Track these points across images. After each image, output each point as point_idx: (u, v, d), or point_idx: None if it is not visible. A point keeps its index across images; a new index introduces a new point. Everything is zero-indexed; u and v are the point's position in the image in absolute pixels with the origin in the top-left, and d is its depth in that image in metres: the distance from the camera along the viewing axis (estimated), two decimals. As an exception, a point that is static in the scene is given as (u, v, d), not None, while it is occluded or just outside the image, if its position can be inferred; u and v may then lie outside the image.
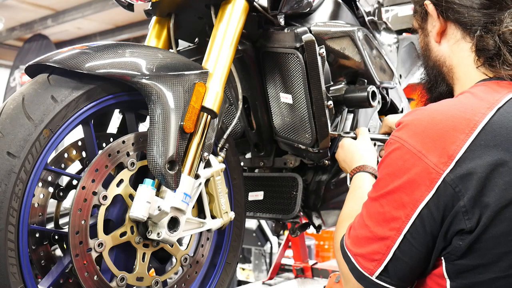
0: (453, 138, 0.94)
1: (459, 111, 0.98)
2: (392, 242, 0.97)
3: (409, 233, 0.96)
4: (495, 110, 0.97)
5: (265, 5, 1.46)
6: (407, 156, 0.97)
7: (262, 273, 4.53)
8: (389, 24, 2.22)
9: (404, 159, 0.97)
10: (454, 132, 0.95)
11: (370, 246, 1.00)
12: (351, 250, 1.03)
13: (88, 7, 7.55)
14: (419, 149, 0.96)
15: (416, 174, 0.95)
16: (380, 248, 0.98)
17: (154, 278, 1.28)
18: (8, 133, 1.05)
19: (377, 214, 1.00)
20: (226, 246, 1.53)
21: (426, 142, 0.96)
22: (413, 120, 1.01)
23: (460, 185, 0.92)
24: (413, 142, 0.97)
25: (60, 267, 1.18)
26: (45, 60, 1.14)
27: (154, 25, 1.55)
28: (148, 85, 1.18)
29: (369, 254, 1.00)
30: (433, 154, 0.94)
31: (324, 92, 1.53)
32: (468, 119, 0.96)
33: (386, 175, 1.01)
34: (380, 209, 1.00)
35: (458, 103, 1.01)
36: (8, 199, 1.02)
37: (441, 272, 0.97)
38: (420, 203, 0.94)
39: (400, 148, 0.99)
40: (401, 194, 0.97)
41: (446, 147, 0.94)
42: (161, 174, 1.17)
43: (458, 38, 1.13)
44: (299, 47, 1.51)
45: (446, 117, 0.97)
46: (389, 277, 0.99)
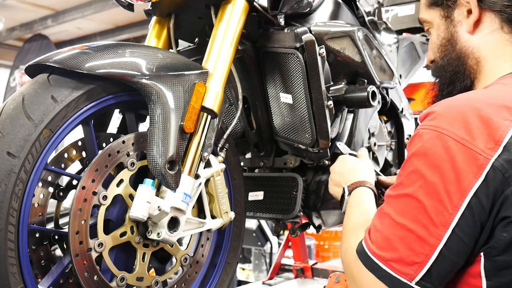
0: (497, 124, 0.90)
1: (498, 99, 0.94)
2: (438, 240, 0.88)
3: (458, 227, 0.88)
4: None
5: (265, 5, 1.46)
6: (449, 144, 0.90)
7: (262, 273, 4.53)
8: (389, 24, 2.22)
9: (446, 147, 0.91)
10: (497, 118, 0.91)
11: (408, 247, 0.90)
12: (380, 255, 0.92)
13: (88, 7, 7.56)
14: (462, 135, 0.90)
15: (462, 161, 0.89)
16: (423, 248, 0.89)
17: (154, 278, 1.28)
18: (8, 133, 1.05)
19: (415, 209, 0.91)
20: (226, 246, 1.53)
21: (470, 128, 0.90)
22: (448, 108, 0.96)
23: (510, 170, 0.88)
24: (454, 130, 0.91)
25: (60, 267, 1.18)
26: (45, 60, 1.14)
27: (154, 25, 1.55)
28: (148, 85, 1.18)
29: (408, 257, 0.90)
30: (478, 140, 0.89)
31: (324, 92, 1.53)
32: (509, 107, 0.92)
33: (422, 166, 0.93)
34: (417, 204, 0.91)
35: (493, 92, 0.98)
36: (8, 199, 1.02)
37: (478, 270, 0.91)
38: (469, 192, 0.88)
39: (439, 136, 0.92)
40: (445, 184, 0.89)
41: (491, 133, 0.89)
42: (161, 174, 1.17)
43: (495, 27, 1.08)
44: (299, 47, 1.51)
45: (485, 104, 0.93)
46: (431, 281, 0.90)
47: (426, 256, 0.89)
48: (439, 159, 0.91)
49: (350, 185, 1.33)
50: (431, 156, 0.92)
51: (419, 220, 0.90)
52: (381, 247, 0.93)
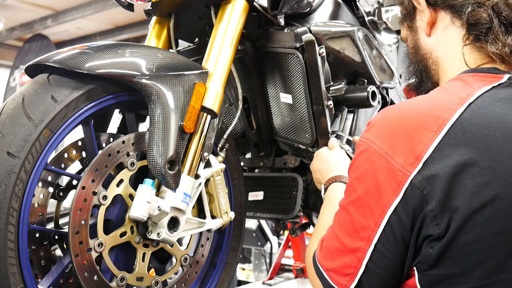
0: (421, 137, 0.88)
1: (428, 108, 0.92)
2: (363, 254, 0.90)
3: (380, 243, 0.89)
4: (465, 105, 0.90)
5: (265, 5, 1.46)
6: (374, 158, 0.91)
7: (262, 273, 4.53)
8: (389, 24, 2.22)
9: (371, 161, 0.91)
10: (422, 130, 0.89)
11: (342, 259, 0.93)
12: (323, 264, 0.97)
13: (88, 7, 7.55)
14: (386, 150, 0.90)
15: (383, 177, 0.89)
16: (352, 261, 0.92)
17: (154, 278, 1.28)
18: (8, 133, 1.05)
19: (347, 223, 0.94)
20: (226, 246, 1.53)
21: (394, 142, 0.90)
22: (382, 119, 0.95)
23: (428, 187, 0.85)
24: (380, 143, 0.91)
25: (60, 267, 1.18)
26: (45, 60, 1.14)
27: (154, 25, 1.55)
28: (148, 85, 1.18)
29: (341, 268, 0.93)
30: (400, 155, 0.88)
31: (324, 92, 1.53)
32: (437, 116, 0.89)
33: (354, 179, 0.95)
34: (349, 218, 0.94)
35: (428, 100, 0.95)
36: (8, 199, 1.02)
37: (414, 283, 0.90)
38: (388, 209, 0.88)
39: (367, 149, 0.93)
40: (368, 200, 0.91)
41: (413, 147, 0.88)
42: (161, 174, 1.17)
43: (447, 23, 1.07)
44: (299, 47, 1.51)
45: (415, 115, 0.91)
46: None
47: (355, 268, 0.92)
48: (365, 173, 0.92)
49: (326, 182, 1.36)
50: (360, 170, 0.94)
51: (349, 234, 0.93)
52: (324, 256, 0.98)
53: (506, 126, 0.89)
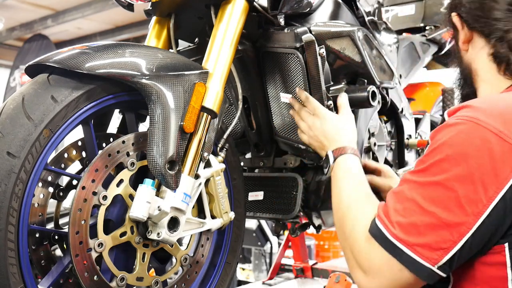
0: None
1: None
2: (468, 228, 0.91)
3: (489, 217, 0.90)
4: None
5: (265, 5, 1.46)
6: (487, 136, 0.91)
7: (262, 273, 4.53)
8: (389, 24, 2.22)
9: (484, 139, 0.91)
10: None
11: (437, 234, 0.92)
12: (407, 240, 0.94)
13: (88, 7, 7.56)
14: (501, 129, 0.92)
15: (499, 154, 0.90)
16: (452, 235, 0.91)
17: (154, 278, 1.28)
18: (8, 133, 1.05)
19: (446, 197, 0.92)
20: (226, 246, 1.53)
21: (508, 123, 0.92)
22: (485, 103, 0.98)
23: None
24: (492, 122, 0.93)
25: (60, 267, 1.18)
26: (45, 60, 1.14)
27: (154, 25, 1.55)
28: (148, 85, 1.18)
29: (436, 243, 0.92)
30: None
31: (324, 92, 1.53)
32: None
33: (458, 154, 0.93)
34: (449, 193, 0.92)
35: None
36: (8, 199, 1.02)
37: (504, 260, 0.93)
38: (506, 184, 0.89)
39: (476, 127, 0.93)
40: (481, 175, 0.90)
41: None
42: (161, 174, 1.17)
43: (482, 45, 1.16)
44: (299, 47, 1.51)
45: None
46: (450, 266, 0.93)
47: (453, 242, 0.91)
48: (475, 149, 0.92)
49: (335, 150, 1.33)
50: (467, 146, 0.92)
51: (451, 209, 0.92)
52: (407, 232, 0.94)
53: None
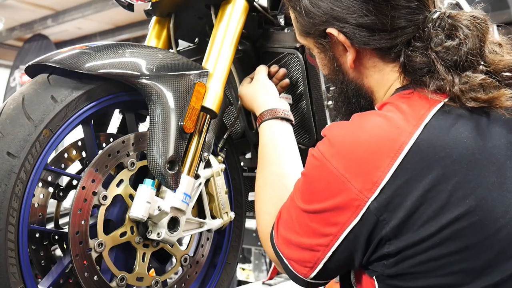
0: (378, 163, 0.88)
1: (384, 130, 0.91)
2: (322, 255, 0.97)
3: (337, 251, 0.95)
4: (422, 127, 0.90)
5: (265, 5, 1.46)
6: (331, 178, 0.93)
7: (262, 273, 4.53)
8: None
9: (328, 181, 0.93)
10: (379, 155, 0.89)
11: (301, 254, 1.00)
12: (283, 252, 1.03)
13: (88, 7, 7.55)
14: (342, 172, 0.91)
15: (341, 198, 0.91)
16: (311, 258, 0.98)
17: (154, 278, 1.28)
18: (8, 133, 1.05)
19: (306, 226, 0.98)
20: (226, 246, 1.53)
21: (350, 165, 0.91)
22: (337, 136, 0.96)
23: (385, 214, 0.88)
24: (336, 163, 0.92)
25: (60, 267, 1.18)
26: (45, 60, 1.14)
27: (154, 25, 1.55)
28: (148, 85, 1.18)
29: (301, 261, 1.00)
30: (357, 180, 0.89)
31: (324, 92, 1.53)
32: (394, 140, 0.89)
33: (311, 192, 0.98)
34: (309, 223, 0.98)
35: (384, 121, 0.93)
36: (8, 199, 1.02)
37: None
38: (347, 227, 0.92)
39: (323, 167, 0.94)
40: (328, 215, 0.94)
41: (370, 173, 0.88)
42: (161, 174, 1.17)
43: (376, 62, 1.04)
44: (299, 47, 1.51)
45: (371, 138, 0.91)
46: (322, 278, 1.01)
47: (314, 263, 0.98)
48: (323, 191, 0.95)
49: (264, 113, 1.33)
50: (317, 186, 0.96)
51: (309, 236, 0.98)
52: (284, 244, 1.03)
53: (462, 146, 0.90)
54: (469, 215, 0.87)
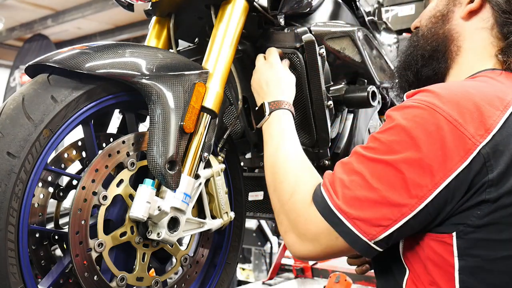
0: (490, 113, 0.92)
1: (491, 89, 0.97)
2: (410, 210, 0.92)
3: (431, 203, 0.91)
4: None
5: (265, 5, 1.46)
6: (442, 123, 0.92)
7: (262, 273, 4.53)
8: (389, 24, 2.22)
9: (437, 126, 0.92)
10: (490, 107, 0.93)
11: (379, 211, 0.93)
12: (348, 213, 0.95)
13: (88, 7, 7.56)
14: (456, 117, 0.92)
15: (451, 143, 0.91)
16: (393, 214, 0.92)
17: (154, 278, 1.28)
18: (8, 133, 1.05)
19: (393, 177, 0.93)
20: (226, 246, 1.53)
21: (463, 112, 0.92)
22: (444, 90, 0.97)
23: (493, 160, 0.90)
24: (448, 110, 0.92)
25: (60, 267, 1.18)
26: (45, 60, 1.14)
27: (154, 25, 1.55)
28: (148, 85, 1.18)
29: (376, 220, 0.93)
30: (470, 125, 0.91)
31: (324, 92, 1.53)
32: (501, 98, 0.95)
33: (410, 138, 0.93)
34: (397, 174, 0.93)
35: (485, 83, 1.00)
36: (8, 199, 1.02)
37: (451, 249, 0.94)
38: (452, 173, 0.90)
39: (432, 113, 0.93)
40: (430, 161, 0.91)
41: (483, 120, 0.91)
42: (161, 174, 1.17)
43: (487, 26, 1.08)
44: (299, 47, 1.51)
45: (480, 92, 0.95)
46: (387, 242, 0.95)
47: (393, 221, 0.93)
48: (428, 135, 0.92)
49: (272, 103, 1.32)
50: (421, 131, 0.93)
51: (396, 189, 0.93)
52: (350, 204, 0.96)
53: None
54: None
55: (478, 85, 1.00)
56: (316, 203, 1.01)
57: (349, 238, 0.96)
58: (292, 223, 1.05)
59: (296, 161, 1.17)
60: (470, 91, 0.96)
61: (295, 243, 1.04)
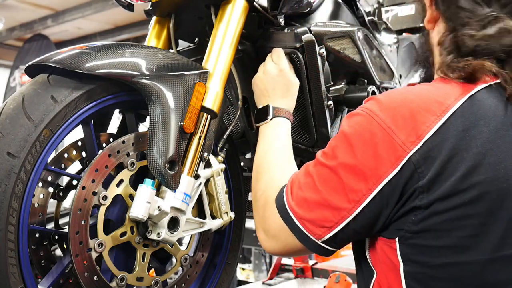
0: (424, 119, 0.94)
1: (432, 94, 0.98)
2: (348, 214, 0.96)
3: (367, 207, 0.95)
4: (467, 96, 0.97)
5: (265, 5, 1.46)
6: (376, 130, 0.95)
7: (262, 273, 4.53)
8: (389, 24, 2.22)
9: (372, 132, 0.96)
10: (426, 113, 0.94)
11: (322, 213, 0.98)
12: (298, 213, 1.01)
13: (88, 7, 7.56)
14: (389, 124, 0.95)
15: (383, 149, 0.94)
16: (334, 216, 0.97)
17: (154, 278, 1.28)
18: (8, 133, 1.05)
19: (334, 182, 0.98)
20: (226, 246, 1.53)
21: (397, 119, 0.95)
22: (386, 97, 1.00)
23: (423, 166, 0.92)
24: (383, 117, 0.96)
25: (60, 267, 1.18)
26: (45, 60, 1.14)
27: (154, 25, 1.55)
28: (148, 85, 1.18)
29: (320, 221, 0.99)
30: (402, 132, 0.93)
31: (324, 92, 1.53)
32: (441, 102, 0.95)
33: (348, 144, 0.98)
34: (336, 179, 0.98)
35: (432, 87, 1.01)
36: (8, 199, 1.02)
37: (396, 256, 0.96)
38: (383, 179, 0.93)
39: (369, 120, 0.97)
40: (364, 167, 0.95)
41: (416, 127, 0.93)
42: (161, 174, 1.17)
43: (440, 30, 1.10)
44: (299, 47, 1.51)
45: (419, 98, 0.97)
46: (335, 242, 1.00)
47: (335, 223, 0.98)
48: (363, 142, 0.96)
49: (277, 109, 1.38)
50: (357, 138, 0.97)
51: (337, 193, 0.97)
52: (300, 205, 1.02)
53: (500, 120, 0.96)
54: (498, 181, 0.91)
55: (422, 90, 1.01)
56: (276, 202, 1.08)
57: (300, 236, 1.02)
58: (260, 219, 1.13)
59: (279, 164, 1.23)
60: (409, 97, 0.97)
61: (262, 239, 1.12)
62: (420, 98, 0.97)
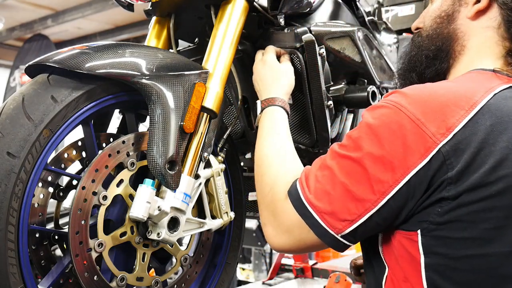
0: (453, 113, 0.94)
1: (460, 89, 0.99)
2: (372, 205, 0.95)
3: (393, 198, 0.94)
4: (492, 94, 0.98)
5: (265, 5, 1.46)
6: (404, 122, 0.95)
7: (262, 273, 4.53)
8: (389, 24, 2.22)
9: (400, 124, 0.95)
10: (455, 107, 0.95)
11: (344, 205, 0.97)
12: (317, 206, 0.99)
13: (88, 7, 7.56)
14: (419, 117, 0.95)
15: (412, 141, 0.93)
16: (357, 208, 0.96)
17: (154, 278, 1.28)
18: (8, 133, 1.05)
19: (358, 173, 0.97)
20: (226, 246, 1.53)
21: (427, 112, 0.95)
22: (413, 90, 1.00)
23: (452, 158, 0.92)
24: (412, 110, 0.96)
25: (60, 267, 1.18)
26: (45, 60, 1.14)
27: (154, 25, 1.55)
28: (148, 85, 1.18)
29: (341, 213, 0.97)
30: (432, 124, 0.94)
31: (324, 92, 1.53)
32: (469, 98, 0.96)
33: (374, 135, 0.97)
34: (361, 170, 0.96)
35: (459, 83, 1.02)
36: (8, 199, 1.02)
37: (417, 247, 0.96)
38: (412, 170, 0.93)
39: (397, 112, 0.97)
40: (392, 158, 0.94)
41: (445, 120, 0.94)
42: (161, 174, 1.17)
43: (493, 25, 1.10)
44: (299, 47, 1.51)
45: (448, 92, 0.98)
46: (355, 236, 0.98)
47: (358, 216, 0.96)
48: (391, 133, 0.96)
49: (264, 101, 1.37)
50: (385, 129, 0.97)
51: (360, 184, 0.96)
52: (319, 198, 0.99)
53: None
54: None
55: (450, 85, 1.02)
56: (290, 196, 1.05)
57: (318, 231, 0.99)
58: (270, 215, 1.10)
59: (280, 155, 1.21)
60: (438, 91, 0.98)
61: (271, 235, 1.09)
62: (449, 93, 0.98)
